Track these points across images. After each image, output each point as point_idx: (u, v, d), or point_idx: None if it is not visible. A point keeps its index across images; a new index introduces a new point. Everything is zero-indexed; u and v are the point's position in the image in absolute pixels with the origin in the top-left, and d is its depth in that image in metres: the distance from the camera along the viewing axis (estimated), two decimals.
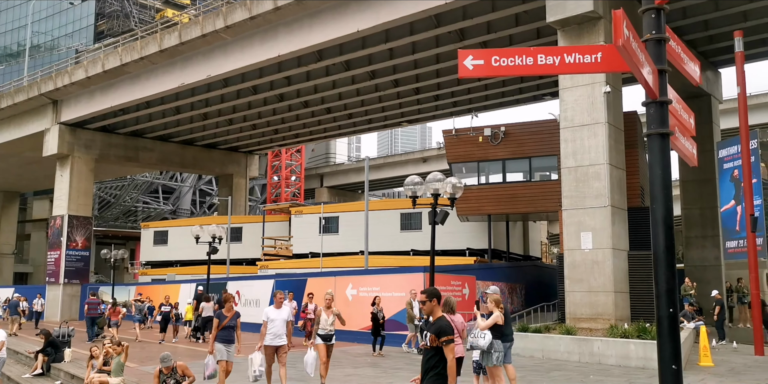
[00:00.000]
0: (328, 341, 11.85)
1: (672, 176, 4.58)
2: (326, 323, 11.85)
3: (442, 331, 5.81)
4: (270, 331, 11.39)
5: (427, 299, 6.02)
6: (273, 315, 11.52)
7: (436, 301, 6.02)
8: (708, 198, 26.86)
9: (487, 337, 9.42)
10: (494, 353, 9.44)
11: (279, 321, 11.49)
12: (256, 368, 11.03)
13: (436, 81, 32.34)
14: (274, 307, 11.75)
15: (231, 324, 11.13)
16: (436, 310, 5.99)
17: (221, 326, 11.06)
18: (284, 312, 11.70)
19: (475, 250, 29.86)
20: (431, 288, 6.22)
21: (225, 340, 11.11)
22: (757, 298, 18.22)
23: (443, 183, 17.23)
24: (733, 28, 21.51)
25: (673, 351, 4.35)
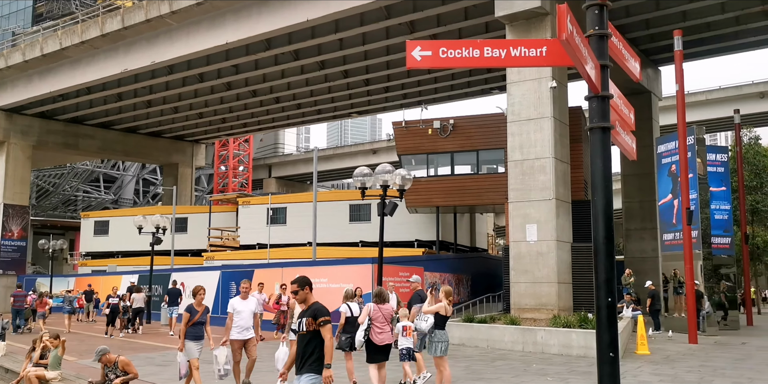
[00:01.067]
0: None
1: (614, 170, 4.70)
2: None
3: (320, 313, 5.89)
4: (236, 324, 10.63)
5: (299, 288, 6.07)
6: (239, 306, 10.75)
7: (309, 289, 6.11)
8: (647, 192, 27.74)
9: (429, 320, 9.66)
10: (439, 343, 9.58)
11: (246, 313, 10.74)
12: (221, 367, 10.24)
13: (386, 73, 32.36)
14: (240, 297, 10.93)
15: (201, 320, 10.30)
16: (309, 298, 6.08)
17: (192, 322, 10.19)
18: (251, 303, 10.90)
19: (423, 242, 30.10)
20: (302, 277, 6.26)
21: (195, 336, 10.27)
22: (692, 289, 18.97)
23: (392, 174, 17.30)
24: (673, 28, 22.24)
25: (610, 339, 4.48)
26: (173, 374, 12.70)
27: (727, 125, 54.59)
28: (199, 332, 10.29)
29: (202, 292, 10.35)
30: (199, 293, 10.30)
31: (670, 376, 12.25)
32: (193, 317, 10.20)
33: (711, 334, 20.59)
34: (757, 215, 35.03)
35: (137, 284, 27.73)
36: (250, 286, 11.23)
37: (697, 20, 25.51)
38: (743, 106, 50.09)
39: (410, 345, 10.37)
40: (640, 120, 27.92)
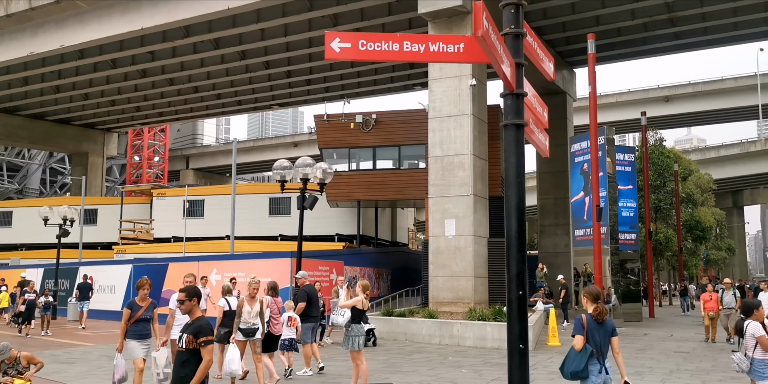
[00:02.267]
0: (250, 336, 10.14)
1: (530, 168, 4.81)
2: (249, 316, 10.15)
3: (202, 331, 5.43)
4: (179, 322, 9.70)
5: (187, 298, 5.63)
6: None
7: (196, 301, 5.65)
8: (561, 189, 28.77)
9: (346, 315, 9.71)
10: (356, 337, 9.63)
11: None
12: (161, 370, 9.23)
13: (308, 65, 32.07)
14: None
15: (146, 316, 9.18)
16: (195, 310, 5.63)
17: (134, 318, 9.08)
18: None
19: (344, 236, 30.08)
20: (192, 286, 5.89)
21: (139, 335, 9.13)
22: (600, 283, 19.83)
23: (313, 168, 17.15)
24: (587, 31, 23.12)
25: (520, 331, 4.60)
26: (79, 372, 12.16)
27: (635, 127, 57.38)
28: (143, 330, 9.18)
29: (147, 287, 9.22)
30: (143, 287, 9.18)
31: None
32: (135, 313, 9.14)
33: (617, 325, 21.57)
34: (660, 213, 37.04)
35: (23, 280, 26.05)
36: (195, 280, 10.22)
37: (609, 25, 26.62)
38: (650, 108, 52.86)
39: (293, 336, 11.14)
40: (555, 119, 29.05)
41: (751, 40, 31.01)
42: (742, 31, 28.28)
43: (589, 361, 6.09)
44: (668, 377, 11.58)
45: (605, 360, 6.29)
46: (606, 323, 6.37)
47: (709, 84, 60.73)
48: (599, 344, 6.20)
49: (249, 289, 10.34)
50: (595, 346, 6.18)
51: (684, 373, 12.02)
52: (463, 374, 11.90)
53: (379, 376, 11.70)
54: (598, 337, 6.21)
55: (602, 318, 6.31)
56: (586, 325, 6.26)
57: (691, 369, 12.60)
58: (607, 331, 6.36)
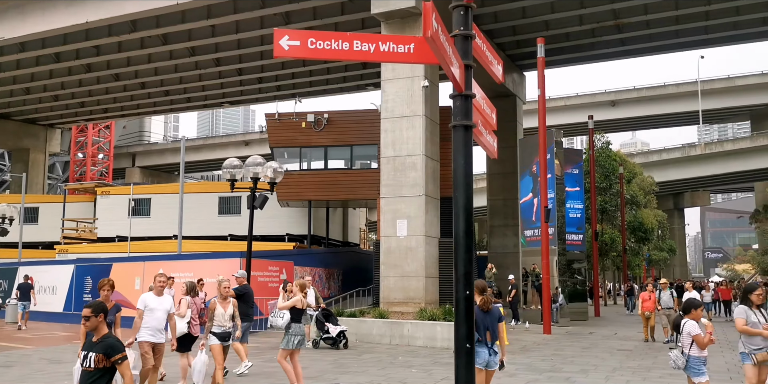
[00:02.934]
0: (224, 341, 9.58)
1: (481, 169, 4.84)
2: (222, 318, 9.57)
3: (114, 349, 5.18)
4: (147, 324, 9.03)
5: (93, 314, 5.29)
6: (153, 303, 9.14)
7: (103, 317, 5.36)
8: (510, 190, 29.17)
9: (285, 317, 9.72)
10: (294, 336, 9.68)
11: (160, 312, 9.16)
12: None
13: (260, 63, 31.72)
14: (154, 293, 9.32)
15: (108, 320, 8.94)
16: (101, 327, 5.32)
17: None
18: (166, 301, 9.35)
19: (294, 236, 29.84)
20: (99, 302, 5.61)
21: None
22: (547, 283, 20.21)
23: (263, 167, 16.95)
24: (537, 35, 23.55)
25: (467, 331, 4.63)
26: (17, 376, 11.71)
27: (583, 130, 58.72)
28: None
29: (107, 288, 8.43)
30: (103, 288, 8.40)
31: (525, 365, 12.96)
32: None
33: (563, 325, 22.05)
34: (606, 214, 38.00)
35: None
36: (166, 281, 9.55)
37: (558, 30, 27.16)
38: (597, 112, 54.28)
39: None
40: (505, 122, 29.47)
41: (692, 47, 32.12)
42: (684, 38, 29.25)
43: (476, 346, 6.88)
44: (612, 374, 11.88)
45: (494, 343, 7.24)
46: (492, 311, 7.33)
47: (652, 89, 62.68)
48: (487, 330, 7.13)
49: (219, 289, 9.83)
50: (483, 332, 7.08)
51: (626, 371, 12.35)
52: (412, 374, 11.94)
53: (329, 376, 11.65)
54: (485, 324, 7.15)
55: (487, 307, 7.32)
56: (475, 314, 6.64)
57: (633, 366, 12.95)
58: (494, 318, 7.34)
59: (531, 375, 11.75)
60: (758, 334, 7.48)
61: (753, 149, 58.29)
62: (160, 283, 9.32)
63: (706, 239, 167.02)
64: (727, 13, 26.50)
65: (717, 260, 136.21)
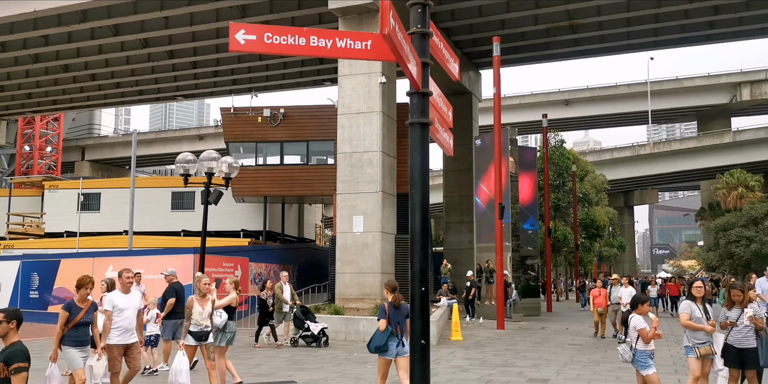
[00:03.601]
0: (202, 340, 9.12)
1: (437, 166, 4.86)
2: (201, 317, 9.06)
3: (14, 357, 4.98)
4: (117, 324, 8.28)
5: (4, 320, 5.14)
6: (122, 303, 8.39)
7: (15, 324, 5.20)
8: (466, 187, 29.43)
9: (223, 316, 9.77)
10: (228, 333, 9.77)
11: (130, 310, 8.43)
12: (99, 381, 8.30)
13: (215, 56, 31.21)
14: (121, 291, 8.55)
15: (86, 319, 7.87)
16: (11, 334, 5.18)
17: (73, 322, 7.74)
18: (135, 298, 8.64)
19: (249, 232, 29.56)
20: (14, 309, 5.47)
21: (78, 341, 7.80)
22: (501, 279, 20.49)
23: (218, 162, 16.69)
24: (493, 34, 23.80)
25: (422, 327, 4.66)
26: None
27: (537, 128, 59.66)
28: (83, 335, 7.87)
29: (89, 285, 7.88)
30: (85, 286, 7.85)
31: (479, 360, 13.13)
32: (75, 317, 7.75)
33: (517, 320, 22.41)
34: (559, 211, 38.74)
35: None
36: (132, 277, 8.79)
37: (514, 29, 27.48)
38: (551, 111, 55.17)
39: (158, 332, 11.45)
40: (461, 119, 29.69)
41: (642, 49, 32.91)
42: (634, 40, 29.96)
43: (389, 338, 7.85)
44: (563, 368, 12.13)
45: (403, 335, 7.93)
46: (401, 307, 8.02)
47: (605, 89, 64.09)
48: (397, 324, 7.91)
49: (199, 286, 9.30)
50: (393, 327, 7.90)
51: (577, 365, 12.62)
52: (368, 370, 11.97)
53: (284, 373, 11.58)
54: (395, 319, 7.92)
55: (398, 303, 8.04)
56: (388, 310, 7.94)
57: (584, 360, 13.24)
58: (403, 313, 7.96)
59: (484, 370, 11.91)
60: (701, 329, 7.74)
61: (699, 149, 60.19)
62: (127, 280, 8.62)
63: (654, 236, 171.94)
64: (675, 16, 27.25)
65: (664, 256, 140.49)
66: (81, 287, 7.86)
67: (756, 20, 27.88)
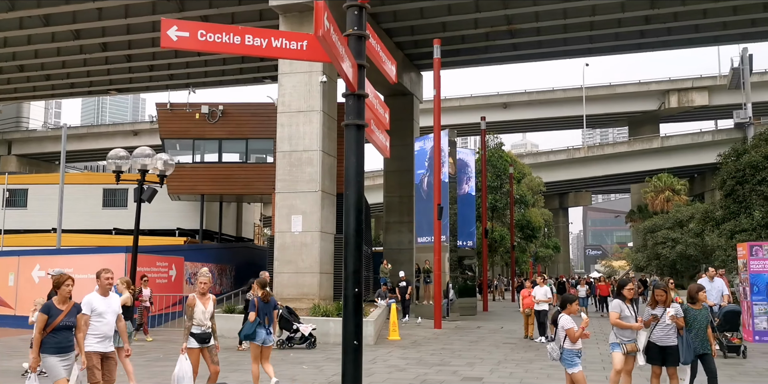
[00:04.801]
0: (206, 343, 8.43)
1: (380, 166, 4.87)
2: (203, 316, 8.35)
3: None
4: (96, 330, 7.49)
5: None
6: (101, 306, 7.56)
7: None
8: (406, 187, 29.62)
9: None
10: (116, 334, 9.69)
11: (110, 315, 7.64)
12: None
13: (151, 50, 30.43)
14: (99, 293, 7.68)
15: (68, 322, 6.97)
16: None
17: (52, 326, 6.87)
18: (114, 301, 7.87)
19: (185, 231, 28.93)
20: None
21: (59, 348, 6.90)
22: (439, 278, 20.70)
23: (153, 159, 16.31)
24: (434, 36, 24.03)
25: (355, 328, 4.67)
26: None
27: (476, 130, 60.57)
28: (65, 341, 6.96)
29: (69, 283, 6.98)
30: (65, 284, 6.95)
31: (415, 360, 13.24)
32: (54, 320, 6.89)
33: (453, 319, 22.70)
34: (496, 212, 39.48)
35: None
36: (112, 278, 7.92)
37: (454, 32, 27.85)
38: (489, 114, 56.17)
39: None
40: (401, 120, 29.89)
41: (578, 55, 33.92)
42: (570, 46, 30.84)
43: (257, 328, 9.35)
44: (496, 367, 12.36)
45: (270, 326, 9.52)
46: (270, 302, 9.63)
47: (542, 93, 65.71)
48: (265, 316, 9.44)
49: (199, 284, 8.51)
50: (262, 318, 9.36)
51: (510, 363, 12.89)
52: (303, 370, 11.90)
53: (219, 375, 11.37)
54: (264, 311, 9.46)
55: (267, 299, 9.63)
56: (258, 304, 9.46)
57: (517, 359, 13.53)
58: (271, 307, 9.61)
59: (421, 369, 12.03)
60: (630, 327, 8.03)
61: (630, 153, 62.44)
62: (107, 281, 7.73)
63: (588, 237, 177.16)
64: (609, 25, 28.19)
65: (597, 257, 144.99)
66: (59, 286, 7.01)
67: (683, 31, 29.14)
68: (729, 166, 22.06)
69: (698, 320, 8.53)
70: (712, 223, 24.16)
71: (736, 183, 21.41)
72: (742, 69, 44.54)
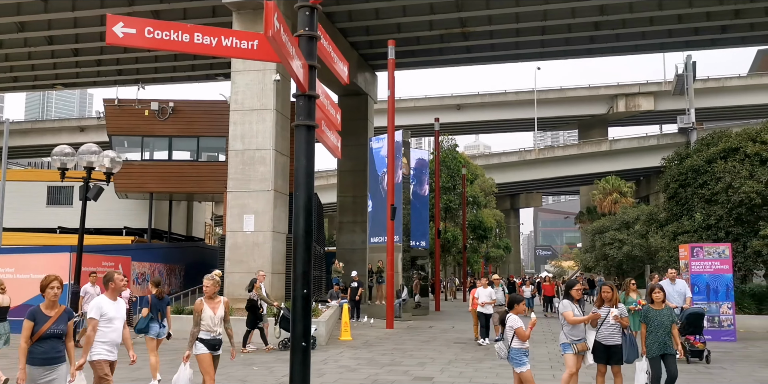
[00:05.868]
0: (215, 350, 7.81)
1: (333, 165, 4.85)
2: (211, 322, 7.73)
3: None
4: (105, 337, 6.82)
5: None
6: (111, 311, 6.88)
7: None
8: (360, 187, 29.65)
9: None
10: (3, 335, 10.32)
11: (118, 321, 6.99)
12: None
13: (99, 44, 29.63)
14: (108, 296, 7.01)
15: (56, 330, 6.14)
16: None
17: (39, 334, 6.04)
18: (122, 306, 7.16)
19: (133, 230, 28.31)
20: None
21: (46, 358, 6.05)
22: (392, 279, 20.79)
23: (99, 156, 15.89)
24: (389, 37, 24.11)
25: (303, 329, 4.66)
26: None
27: (430, 131, 61.06)
28: (50, 351, 6.09)
29: (57, 285, 6.14)
30: (51, 286, 6.12)
31: (367, 360, 13.25)
32: (40, 327, 6.06)
33: (406, 319, 22.81)
34: (450, 213, 39.83)
35: None
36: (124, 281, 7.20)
37: (409, 33, 28.00)
38: (443, 115, 56.68)
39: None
40: (356, 120, 29.91)
41: (530, 59, 34.53)
42: (522, 50, 31.37)
43: (150, 322, 10.25)
44: (447, 366, 12.48)
45: (163, 320, 10.45)
46: (163, 299, 10.56)
47: (495, 96, 66.62)
48: (159, 311, 10.35)
49: (209, 286, 7.92)
50: (156, 313, 10.30)
51: (461, 363, 13.03)
52: (254, 372, 11.79)
53: (166, 377, 11.16)
54: (158, 307, 10.35)
55: (161, 296, 10.54)
56: (151, 301, 10.34)
57: (467, 358, 13.69)
58: (164, 303, 10.52)
59: (372, 369, 12.05)
60: (586, 320, 8.20)
61: (580, 156, 63.86)
62: (121, 283, 7.02)
63: (538, 238, 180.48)
64: (560, 30, 28.77)
65: (547, 257, 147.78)
66: (44, 289, 6.16)
67: (631, 37, 29.96)
68: (672, 169, 22.79)
69: (658, 320, 8.48)
70: (656, 224, 24.93)
71: (678, 186, 22.12)
72: (686, 76, 46.03)
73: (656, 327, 8.48)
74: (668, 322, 8.51)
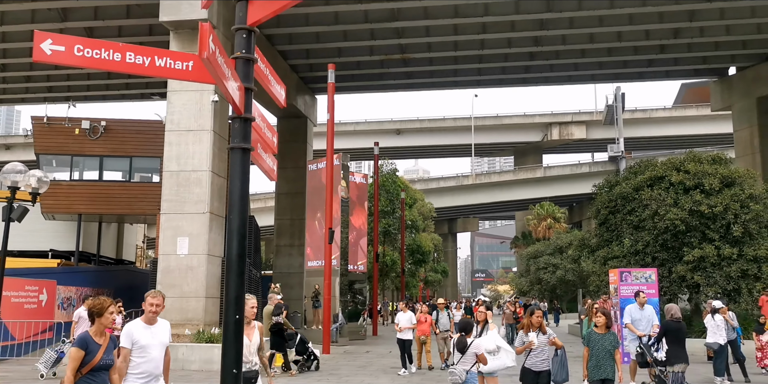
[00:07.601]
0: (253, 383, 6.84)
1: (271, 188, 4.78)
2: (248, 352, 6.60)
3: None
4: (139, 368, 5.78)
5: None
6: (144, 338, 5.86)
7: None
8: (298, 210, 29.41)
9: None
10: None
11: (156, 348, 5.92)
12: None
13: (28, 60, 28.62)
14: (143, 321, 6.01)
15: (108, 360, 5.47)
16: None
17: (90, 365, 5.33)
18: (161, 331, 6.05)
19: (59, 252, 27.18)
20: None
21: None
22: (329, 303, 20.60)
23: (25, 175, 15.21)
24: (329, 61, 24.28)
25: (235, 355, 4.54)
26: None
27: (370, 155, 61.36)
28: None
29: (113, 309, 5.53)
30: (106, 310, 5.44)
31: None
32: (92, 358, 5.34)
33: (343, 344, 22.56)
34: (388, 236, 39.91)
35: None
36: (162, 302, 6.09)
37: (350, 58, 28.27)
38: (383, 139, 57.18)
39: None
40: (295, 142, 29.82)
41: (468, 86, 35.34)
42: (460, 77, 32.10)
43: None
44: None
45: None
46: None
47: (434, 121, 67.76)
48: None
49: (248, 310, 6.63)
50: None
51: None
52: None
53: None
54: None
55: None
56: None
57: None
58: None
59: None
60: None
61: (515, 182, 65.41)
62: (153, 307, 5.96)
63: (475, 262, 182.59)
64: (497, 59, 29.62)
65: (483, 281, 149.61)
66: (101, 314, 5.41)
67: (564, 68, 31.11)
68: (603, 196, 23.58)
69: (600, 345, 8.38)
70: (588, 249, 25.65)
71: (608, 212, 22.87)
72: (616, 106, 48.07)
73: (597, 351, 8.37)
74: (610, 346, 8.38)
